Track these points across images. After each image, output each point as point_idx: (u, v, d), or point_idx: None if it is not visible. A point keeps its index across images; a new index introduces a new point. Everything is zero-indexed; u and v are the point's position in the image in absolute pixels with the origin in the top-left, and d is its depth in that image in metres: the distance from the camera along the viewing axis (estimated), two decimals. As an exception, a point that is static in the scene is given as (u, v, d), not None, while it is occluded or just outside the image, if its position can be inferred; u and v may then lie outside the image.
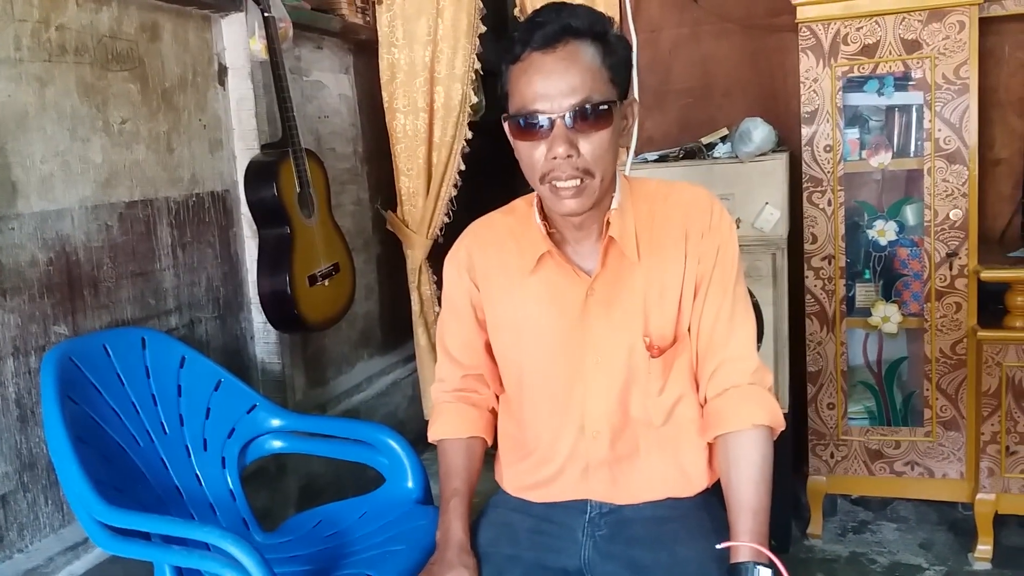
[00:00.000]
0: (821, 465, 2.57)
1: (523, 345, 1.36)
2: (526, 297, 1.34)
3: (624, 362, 1.30)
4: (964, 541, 2.47)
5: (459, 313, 1.42)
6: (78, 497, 1.57)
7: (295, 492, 2.51)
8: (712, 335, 1.30)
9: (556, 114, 1.17)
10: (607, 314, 1.30)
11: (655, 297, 1.29)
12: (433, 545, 1.36)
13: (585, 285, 1.30)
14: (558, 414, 1.35)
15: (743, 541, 1.18)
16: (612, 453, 1.34)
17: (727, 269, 1.30)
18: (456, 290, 1.42)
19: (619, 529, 1.36)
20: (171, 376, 1.95)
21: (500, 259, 1.36)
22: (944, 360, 2.44)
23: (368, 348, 3.09)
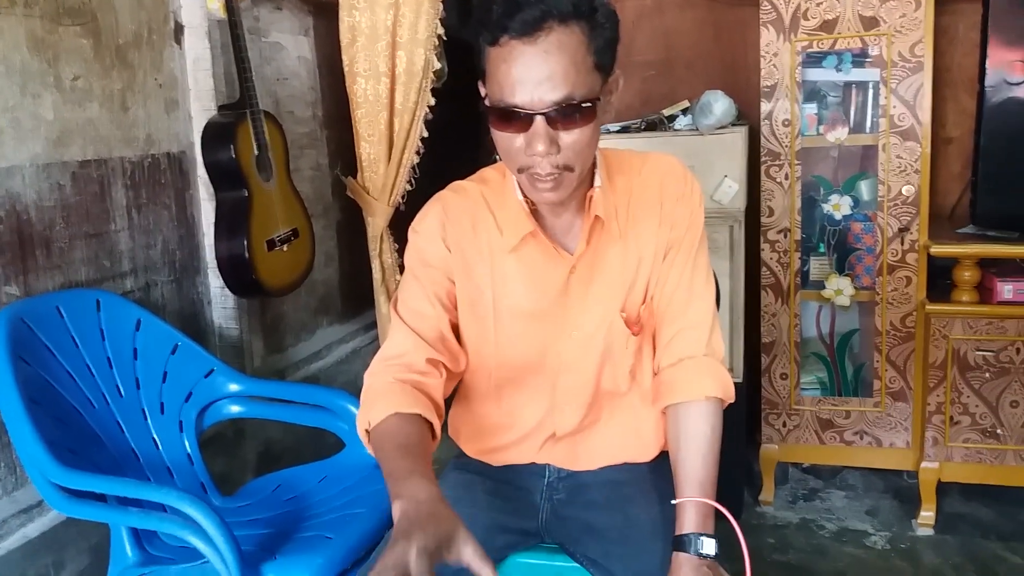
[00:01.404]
0: (773, 434, 2.63)
1: (498, 322, 1.31)
2: (505, 274, 1.29)
3: (602, 338, 1.30)
4: (908, 508, 2.56)
5: (428, 280, 1.30)
6: (31, 459, 1.55)
7: (253, 458, 2.50)
8: (671, 302, 1.30)
9: (536, 110, 1.09)
10: (587, 291, 1.29)
11: (633, 270, 1.29)
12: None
13: (567, 264, 1.27)
14: (529, 388, 1.35)
15: (690, 515, 1.19)
16: (579, 424, 1.35)
17: (693, 237, 1.31)
18: (427, 255, 1.30)
19: (576, 493, 1.38)
20: (127, 339, 1.92)
21: (475, 232, 1.30)
22: (894, 332, 2.51)
23: (328, 316, 3.07)
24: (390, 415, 1.17)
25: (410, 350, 1.27)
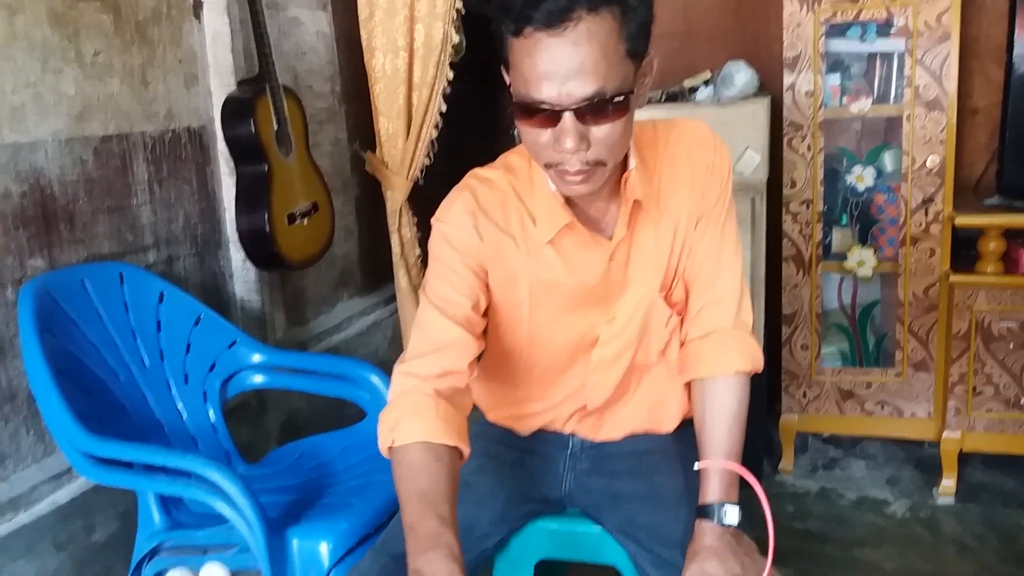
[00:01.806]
0: (794, 404, 2.63)
1: (533, 311, 1.26)
2: (541, 265, 1.23)
3: (640, 318, 1.27)
4: (929, 477, 2.55)
5: (459, 268, 1.22)
6: (60, 427, 1.57)
7: (276, 428, 2.53)
8: (700, 272, 1.27)
9: (564, 106, 1.02)
10: (626, 274, 1.26)
11: (669, 245, 1.25)
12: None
13: (606, 251, 1.22)
14: (562, 368, 1.33)
15: (715, 484, 1.18)
16: (609, 399, 1.35)
17: (722, 207, 1.27)
18: (457, 243, 1.22)
19: (600, 463, 1.39)
20: (150, 311, 1.94)
21: (507, 222, 1.22)
22: (916, 303, 2.49)
23: (348, 289, 3.09)
24: (419, 443, 1.10)
25: (449, 351, 1.18)
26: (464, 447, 1.14)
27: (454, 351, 1.18)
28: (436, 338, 1.19)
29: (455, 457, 1.12)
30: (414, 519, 1.02)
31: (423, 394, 1.14)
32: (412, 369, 1.18)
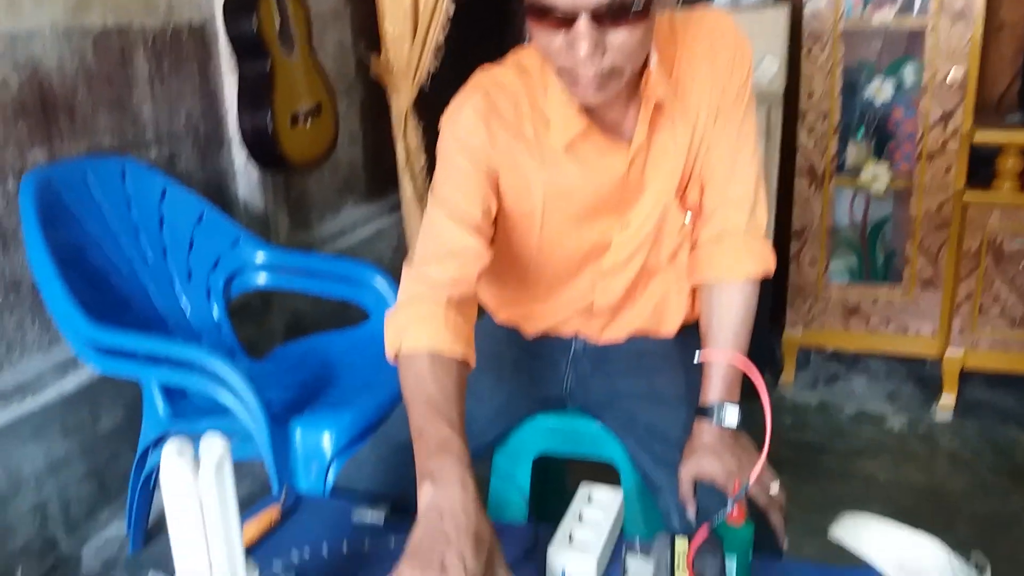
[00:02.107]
0: (798, 319, 2.63)
1: (547, 217, 1.22)
2: (556, 171, 1.18)
3: (655, 223, 1.23)
4: (929, 394, 2.57)
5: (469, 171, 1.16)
6: (64, 316, 1.58)
7: (281, 328, 2.54)
8: (715, 172, 1.23)
9: (580, 9, 0.94)
10: (644, 178, 1.21)
11: (686, 146, 1.20)
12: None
13: (625, 156, 1.17)
14: (572, 272, 1.30)
15: (716, 384, 1.18)
16: (617, 302, 1.33)
17: (741, 103, 1.21)
18: (468, 145, 1.16)
19: (601, 363, 1.38)
20: (152, 207, 1.93)
21: (520, 127, 1.16)
22: (928, 221, 2.46)
23: (352, 195, 3.06)
24: (427, 351, 1.06)
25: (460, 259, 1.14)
26: (471, 358, 1.12)
27: (465, 259, 1.15)
28: (447, 244, 1.15)
29: (463, 368, 1.10)
30: (423, 424, 1.00)
31: (433, 302, 1.11)
32: (423, 274, 1.14)
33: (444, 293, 1.12)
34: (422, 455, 0.95)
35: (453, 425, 0.99)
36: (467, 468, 0.94)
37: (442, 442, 0.96)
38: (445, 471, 0.92)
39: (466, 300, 1.15)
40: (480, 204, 1.17)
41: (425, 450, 0.96)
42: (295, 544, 1.06)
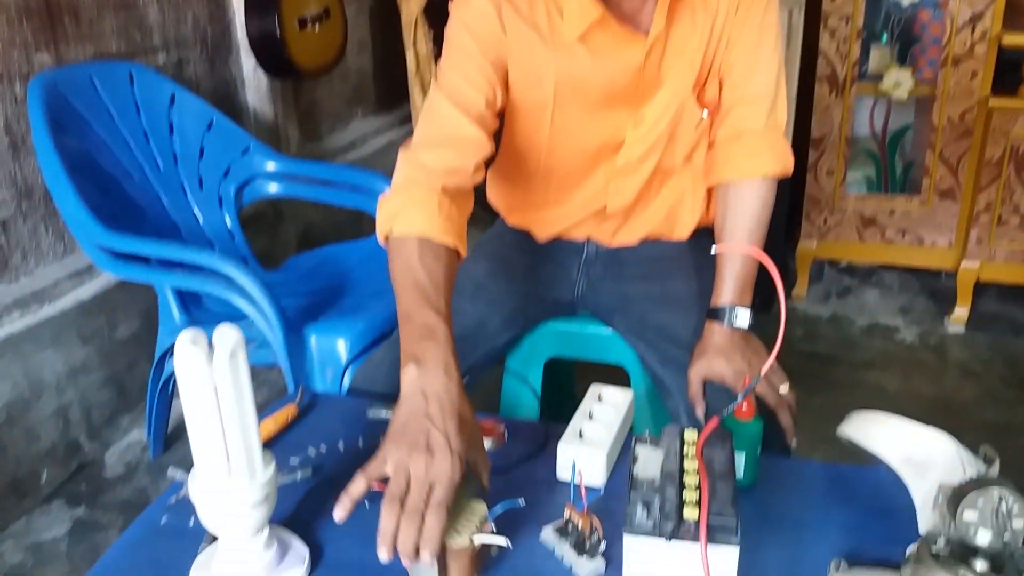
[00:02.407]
0: (813, 231, 2.60)
1: (558, 111, 1.19)
2: (568, 64, 1.14)
3: (670, 120, 1.20)
4: (942, 307, 2.56)
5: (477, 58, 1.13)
6: (77, 222, 1.58)
7: (293, 239, 2.55)
8: (735, 67, 1.19)
9: None
10: (660, 72, 1.17)
11: (706, 38, 1.16)
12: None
13: (642, 47, 1.13)
14: (584, 171, 1.27)
15: (728, 287, 1.16)
16: (631, 204, 1.31)
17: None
18: (478, 30, 1.13)
19: (613, 268, 1.37)
20: (162, 113, 1.90)
21: (532, 14, 1.13)
22: (951, 129, 2.40)
23: (362, 106, 3.01)
24: (418, 237, 1.03)
25: (460, 147, 1.11)
26: (462, 249, 1.09)
27: (464, 148, 1.12)
28: (447, 131, 1.12)
29: (453, 257, 1.07)
30: (410, 308, 0.98)
31: (428, 188, 1.08)
32: (420, 159, 1.11)
33: (439, 180, 1.09)
34: (408, 339, 0.94)
35: (440, 312, 0.97)
36: (451, 354, 0.93)
37: (428, 328, 0.95)
38: (429, 356, 0.91)
39: (462, 191, 1.12)
40: (484, 93, 1.14)
41: (411, 334, 0.95)
42: (311, 440, 1.08)
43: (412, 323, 0.96)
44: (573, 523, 0.89)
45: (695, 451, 0.77)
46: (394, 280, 1.03)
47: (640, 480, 0.74)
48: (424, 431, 0.85)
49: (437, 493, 0.80)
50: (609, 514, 0.89)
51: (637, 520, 0.70)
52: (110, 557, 0.89)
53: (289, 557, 0.84)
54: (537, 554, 0.88)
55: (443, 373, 0.90)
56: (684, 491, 0.72)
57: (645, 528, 0.70)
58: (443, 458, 0.82)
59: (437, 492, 0.80)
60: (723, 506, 0.70)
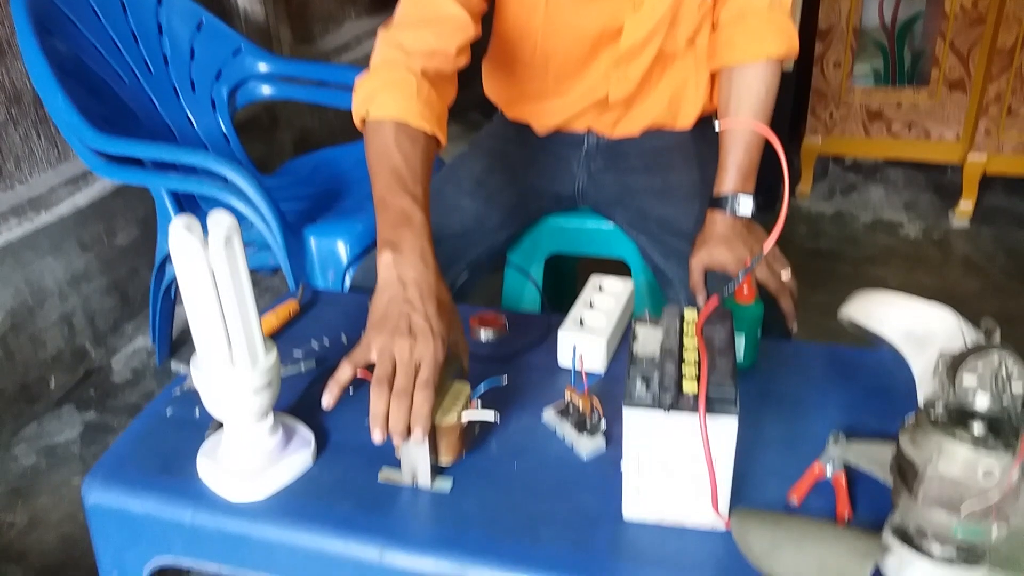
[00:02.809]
0: (819, 126, 2.56)
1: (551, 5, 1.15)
2: None
3: (671, 2, 1.16)
4: (947, 202, 2.54)
5: None
6: (68, 125, 1.55)
7: (289, 144, 2.51)
8: None
9: None
10: None
11: None
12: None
13: None
14: (582, 60, 1.23)
15: (731, 175, 1.14)
16: (632, 92, 1.27)
17: None
18: None
19: (614, 160, 1.35)
20: (149, 14, 1.84)
21: None
22: (963, 16, 2.33)
23: (355, 6, 2.93)
24: (394, 120, 0.99)
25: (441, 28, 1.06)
26: (442, 136, 1.05)
27: (446, 29, 1.06)
28: (429, 10, 1.07)
29: (431, 143, 1.03)
30: (385, 194, 0.95)
31: (406, 70, 1.03)
32: (399, 39, 1.05)
33: (419, 63, 1.04)
34: (383, 225, 0.93)
35: (416, 199, 0.94)
36: (427, 240, 0.92)
37: (404, 213, 0.93)
38: (406, 242, 0.90)
39: (443, 76, 1.08)
40: None
41: (387, 220, 0.93)
42: (314, 334, 1.08)
43: (388, 209, 0.94)
44: (574, 404, 0.90)
45: (695, 329, 0.77)
46: (370, 164, 1.00)
47: (640, 356, 0.74)
48: (405, 316, 0.85)
49: (423, 373, 0.81)
50: (609, 397, 0.90)
51: (636, 393, 0.70)
52: (118, 447, 0.90)
53: (295, 442, 0.86)
54: (539, 435, 0.89)
55: (419, 259, 0.89)
56: (683, 366, 0.72)
57: (644, 401, 0.70)
58: (425, 340, 0.83)
59: (423, 372, 0.81)
60: (722, 378, 0.70)
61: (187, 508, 0.82)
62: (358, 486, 0.83)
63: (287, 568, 0.81)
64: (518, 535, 0.76)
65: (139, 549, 0.86)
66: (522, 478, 0.84)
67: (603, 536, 0.76)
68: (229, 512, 0.81)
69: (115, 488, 0.85)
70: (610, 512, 0.78)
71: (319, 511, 0.80)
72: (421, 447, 0.80)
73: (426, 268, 0.89)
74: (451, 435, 0.81)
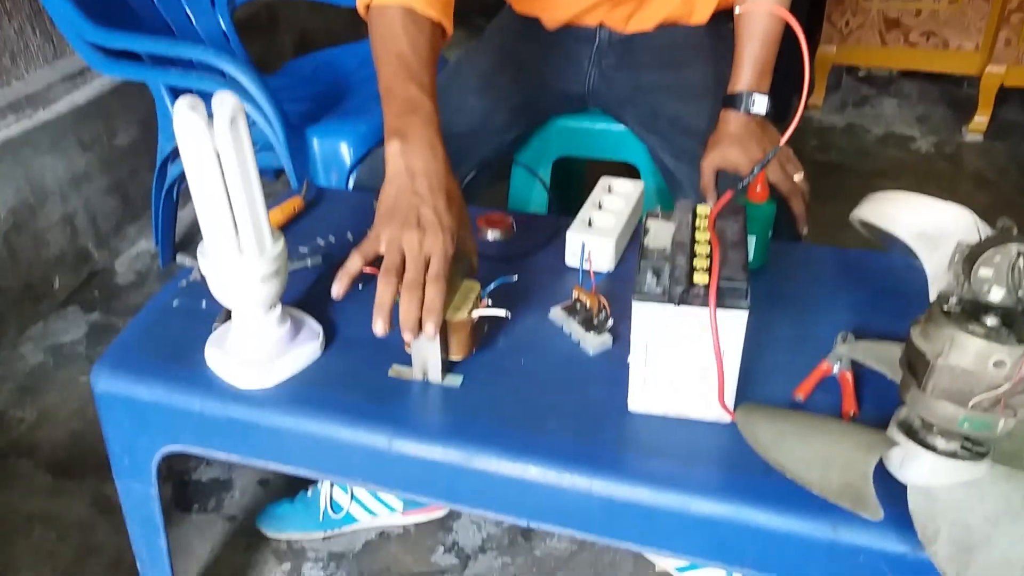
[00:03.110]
0: (834, 34, 2.49)
1: None
2: None
3: None
4: (961, 116, 2.49)
5: None
6: (64, 17, 1.50)
7: (290, 45, 2.45)
8: None
9: None
10: None
11: None
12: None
13: None
14: None
15: (746, 72, 1.10)
16: None
17: None
18: None
19: (626, 56, 1.31)
20: (143, -98, 1.77)
21: None
22: (989, -81, 2.24)
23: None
24: (400, 5, 0.95)
25: None
26: (448, 25, 1.01)
27: None
28: None
29: (438, 32, 1.00)
30: (392, 82, 0.92)
31: None
32: None
33: None
34: (390, 114, 0.90)
35: (424, 87, 0.91)
36: (435, 131, 0.89)
37: (411, 102, 0.90)
38: (414, 131, 0.87)
39: None
40: None
41: (393, 109, 0.90)
42: (319, 231, 1.07)
43: (394, 97, 0.91)
44: (581, 302, 0.90)
45: (707, 224, 0.75)
46: (375, 52, 0.96)
47: (651, 249, 0.73)
48: (414, 208, 0.84)
49: (434, 267, 0.80)
50: (617, 296, 0.90)
51: (647, 286, 0.70)
52: (126, 337, 0.90)
53: (303, 334, 0.86)
54: (546, 332, 0.89)
55: (428, 149, 0.87)
56: (695, 259, 0.72)
57: (654, 294, 0.70)
58: (435, 233, 0.82)
59: (434, 266, 0.80)
60: (734, 271, 0.69)
61: (196, 396, 0.82)
62: (367, 379, 0.83)
63: (296, 457, 0.83)
64: (525, 426, 0.77)
65: (148, 437, 0.87)
66: (530, 373, 0.84)
67: (609, 428, 0.77)
68: (238, 400, 0.81)
69: (124, 376, 0.85)
70: (616, 405, 0.79)
71: (328, 400, 0.81)
72: (433, 343, 0.79)
73: (435, 158, 0.87)
74: (462, 332, 0.81)
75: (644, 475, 0.72)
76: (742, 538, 0.70)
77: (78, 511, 1.29)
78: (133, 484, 0.90)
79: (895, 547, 0.67)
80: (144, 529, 0.95)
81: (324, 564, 1.20)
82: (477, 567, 1.20)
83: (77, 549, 1.23)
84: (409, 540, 1.24)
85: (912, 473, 0.68)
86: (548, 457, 0.74)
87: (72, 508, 1.30)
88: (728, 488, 0.71)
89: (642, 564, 1.19)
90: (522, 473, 0.74)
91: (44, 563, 1.21)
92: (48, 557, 1.22)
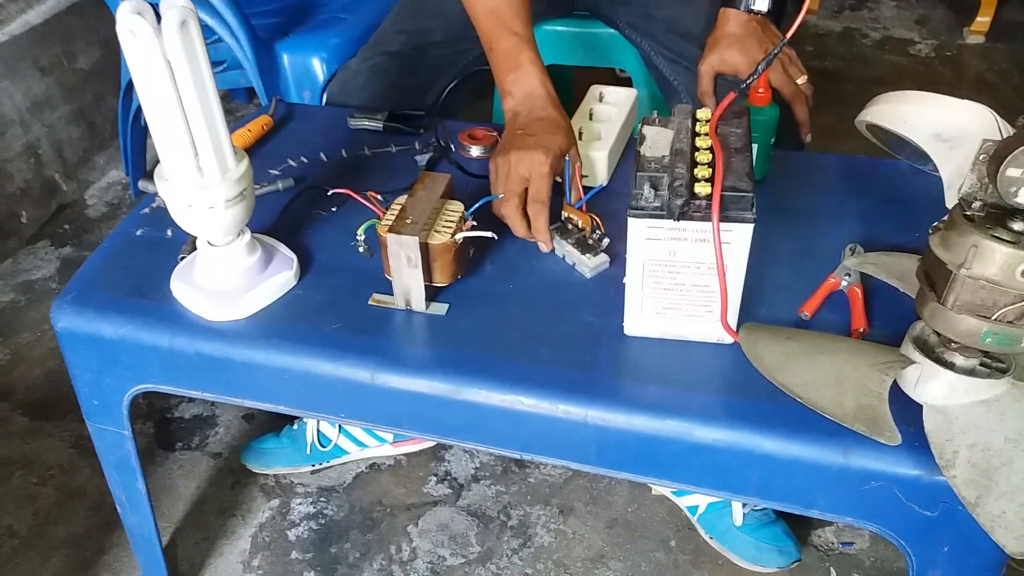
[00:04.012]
0: (831, -68, 2.37)
1: None
2: None
3: None
4: (962, 18, 2.39)
5: None
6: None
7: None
8: None
9: None
10: None
11: None
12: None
13: None
14: None
15: None
16: None
17: None
18: None
19: None
20: None
21: None
22: None
23: None
24: None
25: None
26: None
27: None
28: None
29: None
30: (490, 39, 0.97)
31: None
32: None
33: None
34: (496, 70, 0.96)
35: (521, 37, 0.95)
36: (539, 73, 0.93)
37: (509, 56, 0.95)
38: (521, 84, 0.93)
39: None
40: None
41: (498, 67, 0.95)
42: (290, 152, 1.00)
43: (496, 52, 0.95)
44: (573, 222, 0.84)
45: (709, 129, 0.69)
46: (471, 12, 0.99)
47: (647, 159, 0.67)
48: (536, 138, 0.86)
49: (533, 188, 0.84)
50: (611, 214, 0.84)
51: (643, 200, 0.64)
52: (86, 270, 0.85)
53: (276, 262, 0.80)
54: (536, 254, 0.84)
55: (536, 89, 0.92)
56: (696, 168, 0.66)
57: (652, 208, 0.64)
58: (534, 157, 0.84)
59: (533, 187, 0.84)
60: (738, 179, 0.63)
61: (164, 331, 0.77)
62: (347, 308, 0.78)
63: (272, 393, 0.78)
64: (516, 354, 0.73)
65: (117, 377, 0.82)
66: (520, 298, 0.79)
67: (605, 353, 0.72)
68: (209, 335, 0.76)
69: (86, 313, 0.80)
70: (611, 330, 0.74)
71: (305, 332, 0.75)
72: (414, 268, 0.74)
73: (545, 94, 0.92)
74: (446, 255, 0.75)
75: (642, 402, 0.68)
76: (746, 466, 0.67)
77: (57, 453, 1.25)
78: (105, 427, 0.86)
79: (909, 471, 0.63)
80: (121, 474, 0.91)
81: (314, 499, 1.18)
82: (471, 496, 1.17)
83: (58, 492, 1.20)
84: (400, 471, 1.21)
85: (928, 392, 0.64)
86: (540, 386, 0.70)
87: (51, 450, 1.26)
88: (731, 413, 0.67)
89: (638, 487, 1.16)
90: (513, 404, 0.70)
91: (25, 507, 1.18)
92: (29, 501, 1.19)
